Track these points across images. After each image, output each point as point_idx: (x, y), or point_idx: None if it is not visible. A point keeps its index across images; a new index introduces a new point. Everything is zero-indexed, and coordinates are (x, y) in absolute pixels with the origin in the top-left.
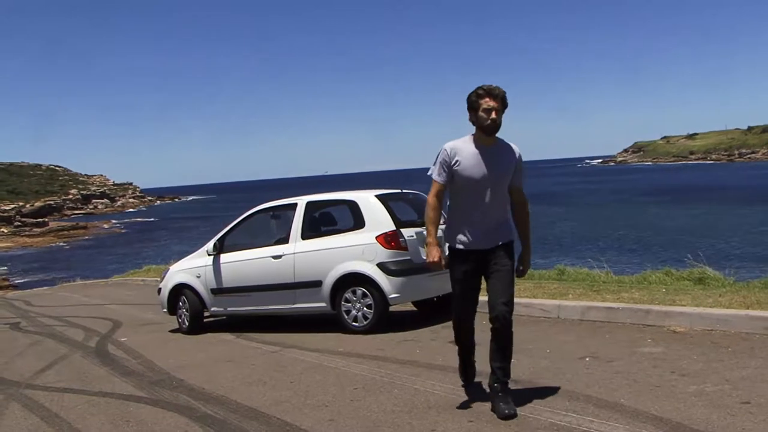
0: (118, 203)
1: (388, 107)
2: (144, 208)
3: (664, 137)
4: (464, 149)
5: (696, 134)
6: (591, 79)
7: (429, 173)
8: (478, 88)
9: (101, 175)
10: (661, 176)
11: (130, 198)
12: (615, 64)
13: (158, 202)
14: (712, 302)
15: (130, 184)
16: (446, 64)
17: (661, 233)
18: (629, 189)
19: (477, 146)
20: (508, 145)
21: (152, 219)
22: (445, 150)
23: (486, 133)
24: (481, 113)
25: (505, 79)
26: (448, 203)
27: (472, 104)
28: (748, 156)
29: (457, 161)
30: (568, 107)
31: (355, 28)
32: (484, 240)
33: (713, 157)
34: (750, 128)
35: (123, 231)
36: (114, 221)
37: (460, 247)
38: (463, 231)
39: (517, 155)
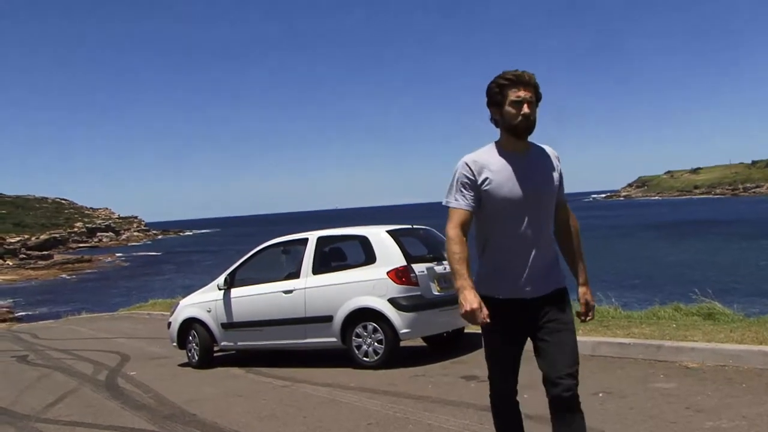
0: (123, 236)
1: (402, 140)
2: (149, 242)
3: (668, 172)
4: (492, 161)
5: (700, 168)
6: (594, 113)
7: (444, 202)
8: (502, 74)
9: (106, 209)
10: (666, 211)
11: (134, 231)
12: (617, 99)
13: (163, 235)
14: (723, 338)
15: (135, 217)
16: (462, 100)
17: (667, 268)
18: (634, 223)
19: (506, 155)
20: (542, 148)
21: (157, 253)
22: (466, 165)
23: (517, 134)
24: (508, 108)
25: None
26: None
27: (494, 97)
28: (753, 190)
29: (486, 179)
30: (572, 141)
31: (365, 57)
32: (528, 285)
33: (717, 191)
34: (754, 162)
35: (127, 264)
36: (118, 255)
37: (496, 296)
38: (498, 274)
39: (557, 160)
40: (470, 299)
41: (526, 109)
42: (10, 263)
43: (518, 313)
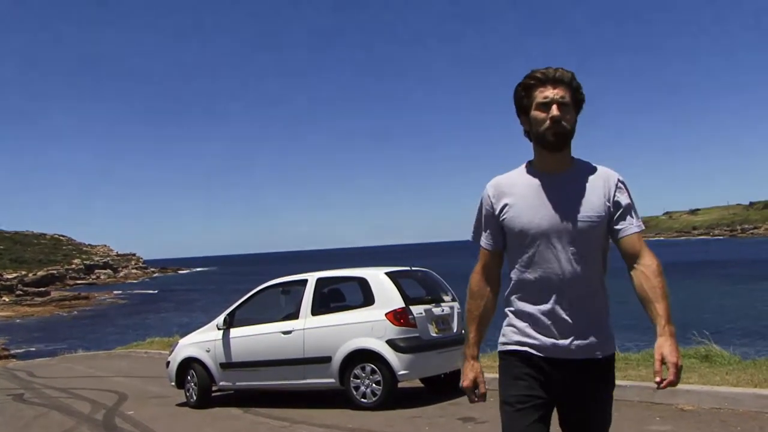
0: (121, 274)
1: (408, 179)
2: (147, 280)
3: (667, 212)
4: (517, 183)
5: (698, 209)
6: (592, 154)
7: (471, 237)
8: (529, 73)
9: (105, 245)
10: (664, 251)
11: (132, 269)
12: (614, 140)
13: (161, 273)
14: (719, 380)
15: (133, 254)
16: (471, 136)
17: None
18: None
19: (535, 176)
20: (592, 168)
21: (155, 290)
22: (486, 192)
23: (548, 146)
24: (534, 113)
25: (510, 150)
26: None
27: (521, 102)
28: (751, 231)
29: (505, 206)
30: None
31: (366, 93)
32: (560, 341)
33: (716, 232)
34: (751, 204)
35: (125, 302)
36: (116, 292)
37: (518, 348)
38: (522, 323)
39: (613, 182)
40: (465, 373)
41: (555, 111)
42: (7, 299)
43: (545, 375)
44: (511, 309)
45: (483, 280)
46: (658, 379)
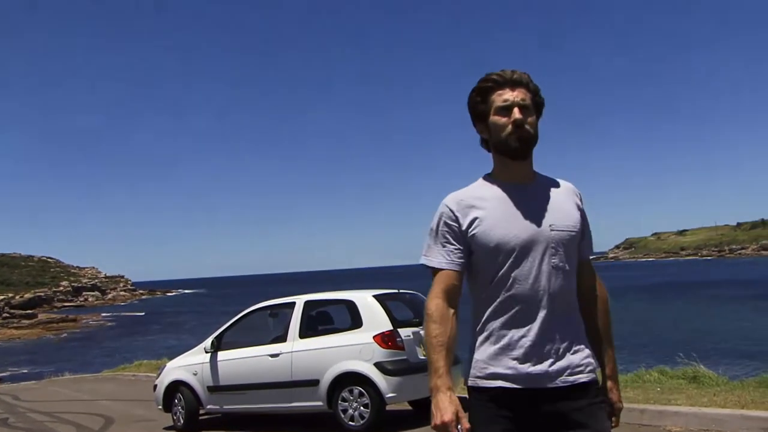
0: (109, 296)
1: (398, 201)
2: (135, 302)
3: (655, 233)
4: (484, 196)
5: (686, 230)
6: (580, 176)
7: (422, 260)
8: (484, 77)
9: (93, 267)
10: (653, 272)
11: (121, 291)
12: (602, 161)
13: (149, 295)
14: (707, 402)
15: (122, 276)
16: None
17: (653, 330)
18: (620, 285)
19: (505, 186)
20: (555, 181)
21: (143, 313)
22: (446, 207)
23: (511, 153)
24: (494, 118)
25: None
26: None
27: (477, 108)
28: (738, 252)
29: (475, 220)
30: None
31: (357, 112)
32: (539, 369)
33: (704, 252)
34: (739, 224)
35: (113, 324)
36: (104, 314)
37: (489, 385)
38: (494, 353)
39: (578, 196)
40: (443, 406)
41: (517, 114)
42: None
43: (523, 411)
44: (481, 335)
45: (444, 303)
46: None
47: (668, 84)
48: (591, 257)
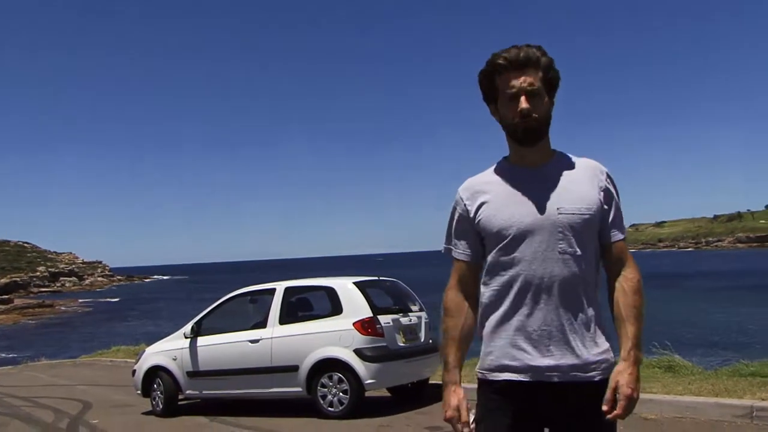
0: (87, 282)
1: (375, 189)
2: (113, 288)
3: (633, 225)
4: (492, 180)
5: (664, 222)
6: None
7: (442, 248)
8: (492, 56)
9: (70, 253)
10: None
11: (98, 277)
12: (583, 152)
13: (127, 281)
14: (682, 390)
15: (100, 262)
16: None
17: None
18: None
19: (511, 171)
20: (580, 159)
21: (121, 298)
22: (459, 195)
23: (519, 140)
24: (502, 104)
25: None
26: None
27: (484, 89)
28: (715, 244)
29: (481, 205)
30: None
31: (335, 100)
32: (547, 362)
33: (681, 244)
34: (716, 217)
35: (90, 310)
36: (81, 300)
37: (499, 377)
38: (503, 343)
39: (603, 175)
40: (447, 401)
41: (523, 104)
42: None
43: (529, 404)
44: (486, 324)
45: (460, 294)
46: (605, 408)
47: (647, 78)
48: (618, 239)
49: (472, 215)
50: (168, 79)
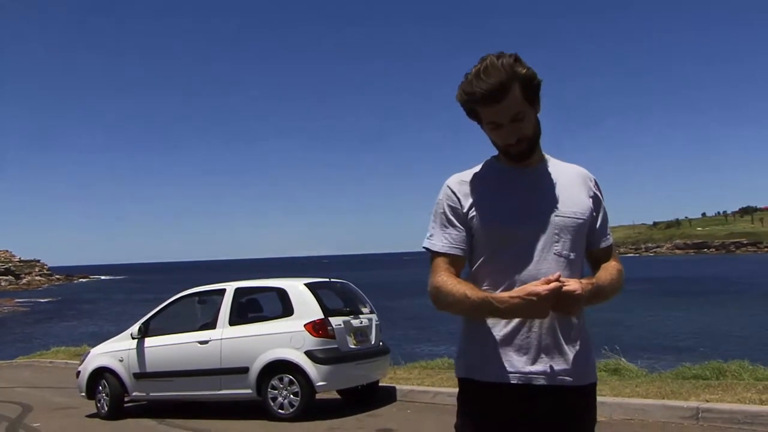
0: (24, 281)
1: (318, 190)
2: (51, 287)
3: None
4: (485, 177)
5: None
6: None
7: (425, 242)
8: (463, 83)
9: (6, 251)
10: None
11: (36, 276)
12: None
13: (67, 281)
14: (630, 392)
15: (37, 261)
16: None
17: None
18: None
19: (504, 171)
20: (569, 164)
21: (61, 298)
22: (448, 188)
23: (514, 160)
24: (487, 129)
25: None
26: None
27: (469, 113)
28: (654, 250)
29: (473, 202)
30: None
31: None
32: (527, 364)
33: (621, 250)
34: (655, 224)
35: (28, 310)
36: (18, 300)
37: (485, 379)
38: (491, 345)
39: (592, 182)
40: (517, 296)
41: (509, 138)
42: None
43: (514, 407)
44: (472, 326)
45: (446, 284)
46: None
47: (582, 84)
48: (605, 245)
49: (465, 210)
50: (115, 79)
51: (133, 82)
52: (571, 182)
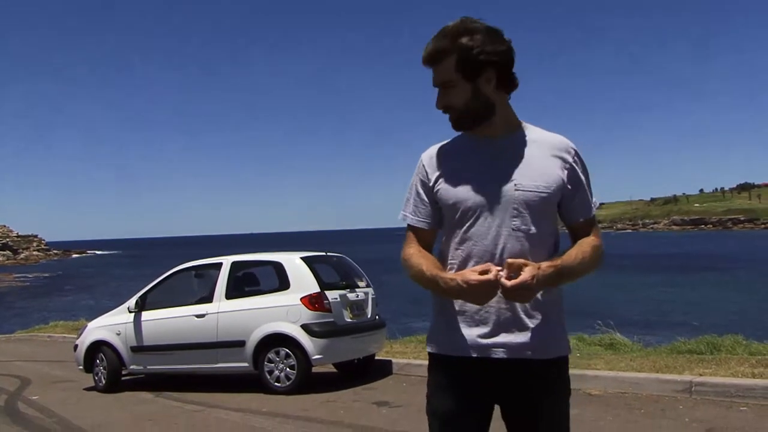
0: (21, 256)
1: (315, 166)
2: (49, 262)
3: None
4: (453, 150)
5: (602, 204)
6: None
7: (399, 216)
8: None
9: (4, 226)
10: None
11: (34, 251)
12: None
13: (64, 256)
14: (624, 366)
15: (35, 236)
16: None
17: (570, 300)
18: None
19: (477, 141)
20: (547, 135)
21: (58, 273)
22: (420, 162)
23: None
24: None
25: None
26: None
27: None
28: (651, 226)
29: (439, 175)
30: None
31: (278, 80)
32: (489, 336)
33: (619, 226)
34: (653, 200)
35: (26, 285)
36: (16, 275)
37: (443, 353)
38: (448, 318)
39: (569, 153)
40: (466, 276)
41: (438, 102)
42: None
43: (480, 381)
44: (437, 300)
45: (416, 252)
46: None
47: (580, 63)
48: (583, 219)
49: (431, 184)
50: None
51: (137, 59)
52: (541, 154)
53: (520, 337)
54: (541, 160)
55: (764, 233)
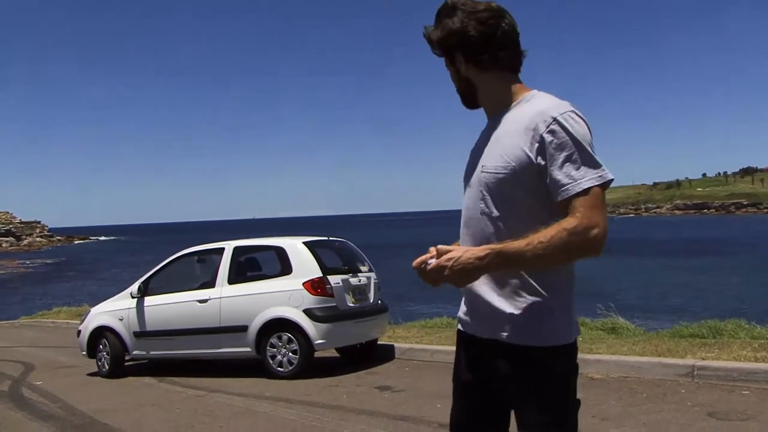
0: (24, 242)
1: (318, 151)
2: (52, 248)
3: None
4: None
5: None
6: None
7: None
8: None
9: (7, 212)
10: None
11: (37, 237)
12: None
13: (67, 242)
14: (626, 350)
15: (38, 222)
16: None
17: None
18: None
19: (488, 121)
20: (530, 108)
21: (61, 259)
22: None
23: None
24: None
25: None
26: None
27: None
28: (654, 211)
29: None
30: None
31: (280, 64)
32: (466, 314)
33: (621, 211)
34: (655, 184)
35: (29, 271)
36: (19, 261)
37: (458, 327)
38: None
39: (543, 126)
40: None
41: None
42: None
43: (469, 354)
44: None
45: None
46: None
47: (584, 47)
48: (560, 199)
49: None
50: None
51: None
52: (513, 129)
53: (495, 322)
54: (511, 137)
55: (767, 217)
